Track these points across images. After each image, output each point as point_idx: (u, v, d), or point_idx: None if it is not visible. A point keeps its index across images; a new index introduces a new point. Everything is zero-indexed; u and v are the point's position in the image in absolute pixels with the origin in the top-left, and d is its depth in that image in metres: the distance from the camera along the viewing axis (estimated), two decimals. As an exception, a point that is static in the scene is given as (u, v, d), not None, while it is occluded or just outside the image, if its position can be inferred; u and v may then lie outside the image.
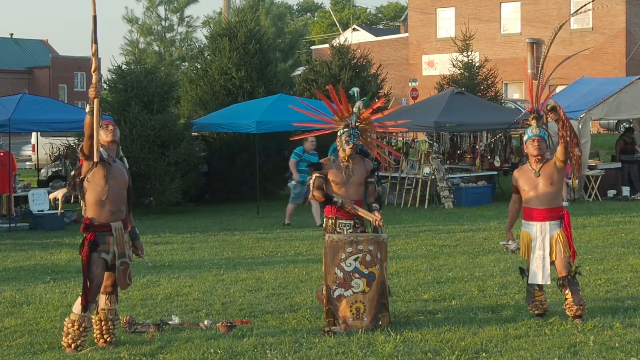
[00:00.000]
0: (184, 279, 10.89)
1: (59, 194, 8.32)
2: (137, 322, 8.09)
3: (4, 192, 17.20)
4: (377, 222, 8.12)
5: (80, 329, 7.31)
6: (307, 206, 16.60)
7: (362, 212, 8.18)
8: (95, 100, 7.16)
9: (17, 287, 10.47)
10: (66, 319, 7.42)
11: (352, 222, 8.21)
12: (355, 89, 8.64)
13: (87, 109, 7.20)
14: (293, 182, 16.49)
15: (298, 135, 9.06)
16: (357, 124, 8.29)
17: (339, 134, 8.30)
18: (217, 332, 7.84)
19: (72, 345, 7.31)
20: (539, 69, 8.13)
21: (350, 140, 8.19)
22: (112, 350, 7.28)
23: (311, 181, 8.26)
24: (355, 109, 8.34)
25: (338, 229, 8.18)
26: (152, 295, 9.82)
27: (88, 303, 7.29)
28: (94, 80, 7.23)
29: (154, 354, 7.18)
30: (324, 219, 8.34)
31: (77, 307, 7.34)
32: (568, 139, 7.84)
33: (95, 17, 7.24)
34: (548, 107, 7.91)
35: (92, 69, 7.25)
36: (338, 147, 8.29)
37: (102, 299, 7.46)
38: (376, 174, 8.60)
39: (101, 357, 7.14)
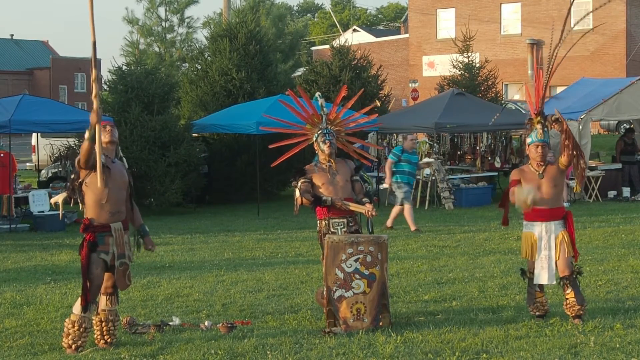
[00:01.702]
0: (184, 280, 10.90)
1: (59, 198, 8.36)
2: (137, 322, 8.10)
3: (5, 193, 17.21)
4: (369, 213, 8.17)
5: (81, 329, 7.31)
6: (306, 208, 16.56)
7: (353, 207, 8.21)
8: (97, 126, 7.15)
9: (18, 288, 10.47)
10: (66, 320, 7.42)
11: (345, 220, 8.24)
12: (317, 93, 8.71)
13: (87, 135, 7.17)
14: (383, 186, 15.53)
15: (278, 159, 9.04)
16: (328, 126, 8.36)
17: (314, 139, 8.38)
18: (217, 333, 7.84)
19: (73, 346, 7.31)
20: (548, 70, 8.11)
21: (326, 138, 8.29)
22: (112, 351, 7.28)
23: (297, 187, 8.29)
24: (321, 109, 8.38)
25: (332, 229, 8.20)
26: (152, 296, 9.82)
27: (88, 303, 7.29)
28: (95, 106, 7.19)
29: (155, 355, 7.18)
30: (317, 222, 8.36)
31: (77, 307, 7.35)
32: (571, 151, 7.84)
33: (94, 44, 7.19)
34: (553, 118, 7.93)
35: (93, 95, 7.21)
36: (317, 151, 8.35)
37: (103, 300, 7.46)
38: (361, 172, 8.64)
39: (102, 358, 7.14)
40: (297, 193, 8.30)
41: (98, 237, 7.33)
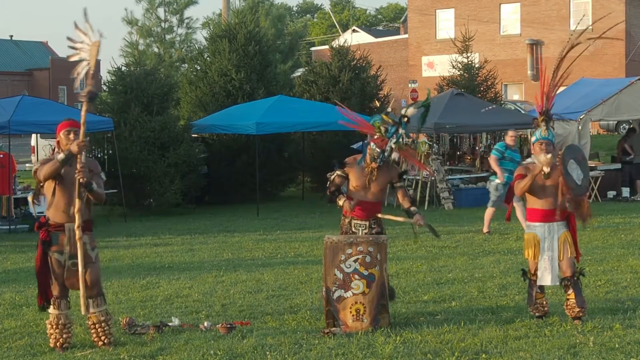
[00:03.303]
0: (183, 280, 10.90)
1: (29, 198, 8.50)
2: (136, 323, 8.10)
3: (4, 194, 17.19)
4: (418, 223, 8.18)
5: (59, 327, 7.38)
6: (307, 207, 16.54)
7: (387, 216, 8.23)
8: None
9: (17, 289, 10.47)
10: (46, 322, 7.49)
11: (367, 222, 8.19)
12: (430, 93, 8.54)
13: (61, 156, 7.17)
14: (495, 182, 14.70)
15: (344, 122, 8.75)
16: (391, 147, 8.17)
17: (371, 146, 8.15)
18: (217, 334, 7.84)
19: (57, 345, 7.37)
20: (556, 69, 8.14)
21: (379, 160, 8.10)
22: (112, 352, 7.28)
23: (332, 177, 8.26)
24: (391, 145, 8.13)
25: (353, 229, 8.18)
26: (151, 297, 9.82)
27: (56, 300, 7.37)
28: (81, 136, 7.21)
29: (154, 356, 7.18)
30: (341, 218, 8.32)
31: (51, 308, 7.43)
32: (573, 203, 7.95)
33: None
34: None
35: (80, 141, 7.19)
36: (368, 153, 8.16)
37: (90, 303, 7.46)
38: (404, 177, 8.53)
39: (101, 358, 7.15)
40: (331, 182, 8.28)
41: (52, 235, 7.35)
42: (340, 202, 8.12)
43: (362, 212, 8.16)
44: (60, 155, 7.19)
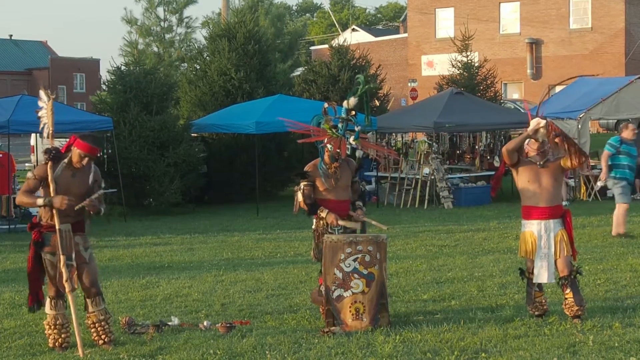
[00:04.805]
0: (183, 280, 10.90)
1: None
2: (136, 323, 8.10)
3: (4, 194, 17.20)
4: (359, 219, 8.25)
5: (57, 327, 7.40)
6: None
7: (350, 216, 8.28)
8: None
9: (17, 289, 10.46)
10: (44, 323, 7.49)
11: (343, 222, 8.25)
12: (360, 76, 8.64)
13: (40, 201, 7.26)
14: (599, 183, 13.75)
15: (303, 139, 8.90)
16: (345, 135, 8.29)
17: (328, 147, 8.24)
18: (216, 333, 7.84)
19: (56, 345, 7.39)
20: (546, 92, 8.17)
21: (337, 160, 8.20)
22: (111, 352, 7.29)
23: (299, 190, 8.28)
24: (351, 141, 8.29)
25: (330, 229, 8.20)
26: (151, 296, 9.82)
27: (52, 300, 7.40)
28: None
29: (154, 355, 7.18)
30: (314, 220, 8.36)
31: (47, 308, 7.47)
32: (576, 153, 7.86)
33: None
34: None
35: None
36: (326, 155, 8.21)
37: (88, 303, 7.47)
38: (363, 172, 8.65)
39: (101, 358, 7.15)
40: (300, 196, 8.28)
41: (45, 236, 7.34)
42: (324, 214, 8.16)
43: (337, 212, 8.19)
44: (40, 201, 7.26)
